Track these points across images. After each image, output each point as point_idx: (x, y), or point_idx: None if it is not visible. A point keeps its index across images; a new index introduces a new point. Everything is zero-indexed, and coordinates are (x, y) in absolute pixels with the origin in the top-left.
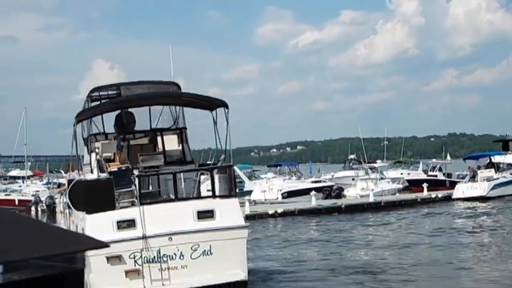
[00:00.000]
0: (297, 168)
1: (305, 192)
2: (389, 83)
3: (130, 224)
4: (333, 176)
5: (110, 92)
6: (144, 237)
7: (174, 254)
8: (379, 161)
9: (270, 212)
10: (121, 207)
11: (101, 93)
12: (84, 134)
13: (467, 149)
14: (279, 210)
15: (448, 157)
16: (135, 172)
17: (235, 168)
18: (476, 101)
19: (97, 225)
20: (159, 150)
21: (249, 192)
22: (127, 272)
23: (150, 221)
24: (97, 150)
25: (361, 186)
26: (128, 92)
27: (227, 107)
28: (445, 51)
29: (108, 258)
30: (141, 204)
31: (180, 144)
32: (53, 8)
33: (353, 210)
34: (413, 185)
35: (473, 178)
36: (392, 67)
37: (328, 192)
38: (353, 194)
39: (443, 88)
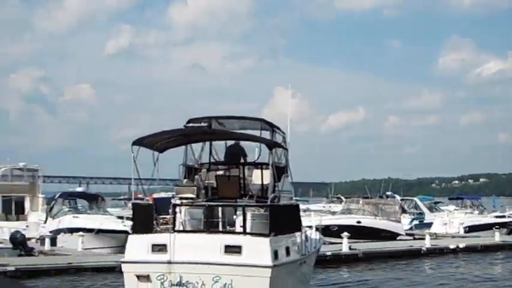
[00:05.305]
0: (480, 202)
1: (488, 227)
2: None
3: (162, 248)
4: None
5: (201, 124)
6: (169, 263)
7: (197, 282)
8: None
9: (452, 246)
10: (159, 232)
11: (194, 124)
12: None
13: None
14: (461, 245)
15: None
16: (172, 201)
17: (416, 199)
18: None
19: (136, 245)
20: (243, 183)
21: (429, 225)
22: None
23: (179, 248)
24: (196, 179)
25: None
26: (217, 125)
27: (286, 149)
28: None
29: (138, 277)
30: (174, 231)
31: (261, 179)
32: (239, 37)
33: None
34: None
35: None
36: None
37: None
38: None
39: None
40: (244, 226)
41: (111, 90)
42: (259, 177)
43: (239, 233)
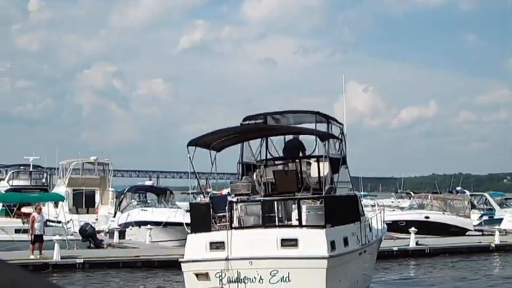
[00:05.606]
0: None
1: None
2: None
3: (219, 245)
4: None
5: (257, 121)
6: (227, 259)
7: (254, 277)
8: None
9: None
10: (216, 230)
11: (250, 121)
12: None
13: None
14: None
15: None
16: (229, 198)
17: (486, 195)
18: None
19: (194, 244)
20: (300, 177)
21: (499, 221)
22: None
23: (236, 245)
24: (255, 175)
25: None
26: (272, 121)
27: (339, 139)
28: None
29: (197, 275)
30: (231, 228)
31: (317, 172)
32: (309, 32)
33: None
34: None
35: None
36: None
37: None
38: None
39: None
40: (299, 219)
41: (184, 85)
42: (315, 170)
43: (295, 226)
